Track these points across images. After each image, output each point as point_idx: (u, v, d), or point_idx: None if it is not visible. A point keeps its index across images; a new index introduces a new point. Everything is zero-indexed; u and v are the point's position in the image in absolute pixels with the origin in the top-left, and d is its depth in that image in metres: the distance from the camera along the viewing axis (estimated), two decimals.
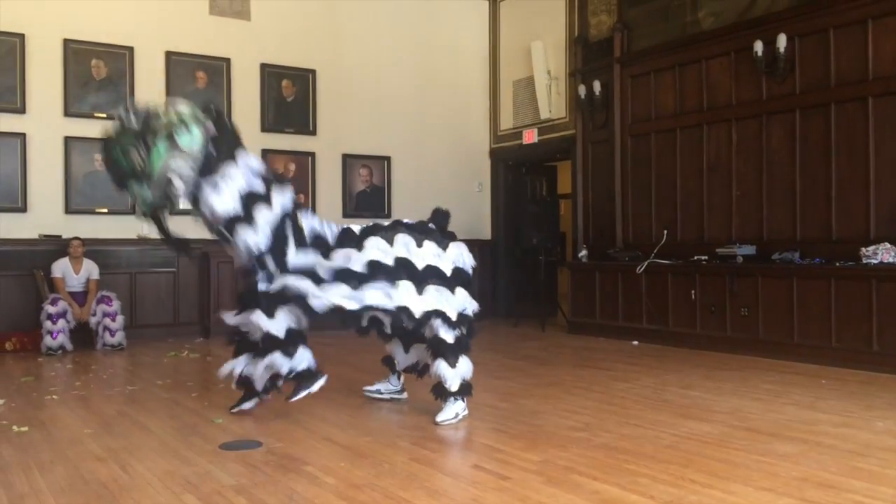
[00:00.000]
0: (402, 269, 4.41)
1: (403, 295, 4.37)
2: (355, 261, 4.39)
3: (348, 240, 4.52)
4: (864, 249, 6.27)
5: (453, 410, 4.45)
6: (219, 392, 5.44)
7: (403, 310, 4.37)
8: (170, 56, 8.66)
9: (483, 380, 5.99)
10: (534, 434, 4.16)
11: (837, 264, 6.42)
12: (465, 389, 4.50)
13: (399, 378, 5.13)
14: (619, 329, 8.19)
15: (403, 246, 4.47)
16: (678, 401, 5.01)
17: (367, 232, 4.55)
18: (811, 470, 3.46)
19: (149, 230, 8.40)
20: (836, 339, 6.33)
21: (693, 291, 7.46)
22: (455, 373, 4.43)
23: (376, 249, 4.42)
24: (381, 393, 5.13)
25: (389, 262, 4.40)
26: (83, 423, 4.50)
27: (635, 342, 7.85)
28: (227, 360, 4.69)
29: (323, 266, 4.43)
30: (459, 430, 4.30)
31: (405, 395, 5.14)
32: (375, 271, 4.37)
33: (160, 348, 7.63)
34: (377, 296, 4.36)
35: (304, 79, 9.46)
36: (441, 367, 4.42)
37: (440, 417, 4.41)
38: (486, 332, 8.96)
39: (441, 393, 4.47)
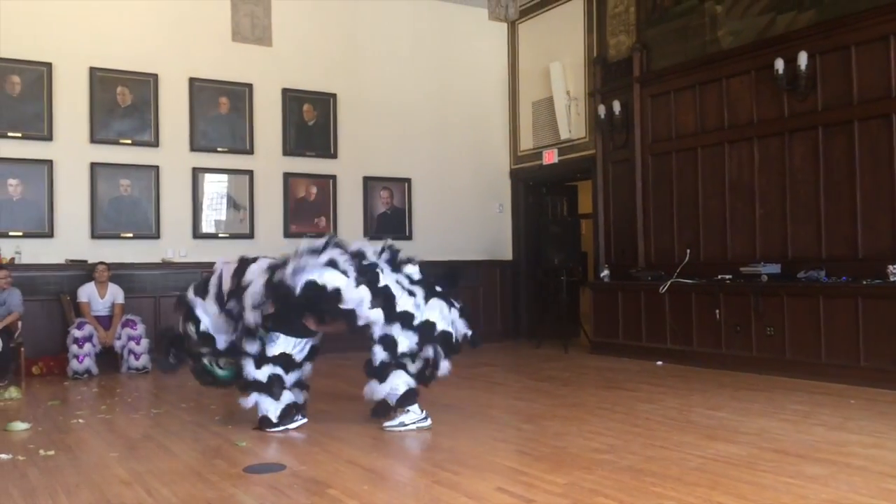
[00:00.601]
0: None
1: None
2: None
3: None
4: (891, 267, 6.19)
5: (399, 419, 4.84)
6: (242, 415, 5.45)
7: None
8: (193, 82, 8.79)
9: (506, 401, 5.98)
10: (558, 456, 4.12)
11: (864, 282, 6.34)
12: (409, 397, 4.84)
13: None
14: (642, 349, 8.13)
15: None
16: (704, 422, 4.95)
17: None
18: (841, 492, 3.40)
19: (173, 254, 8.55)
20: (865, 358, 6.23)
21: (717, 311, 7.39)
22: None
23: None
24: (406, 424, 5.00)
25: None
26: (109, 447, 4.53)
27: (659, 362, 7.78)
28: None
29: None
30: (483, 453, 4.27)
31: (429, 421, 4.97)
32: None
33: (184, 372, 7.64)
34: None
35: (325, 103, 9.55)
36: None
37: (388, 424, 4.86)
38: (508, 354, 8.95)
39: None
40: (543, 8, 10.27)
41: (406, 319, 4.82)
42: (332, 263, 4.74)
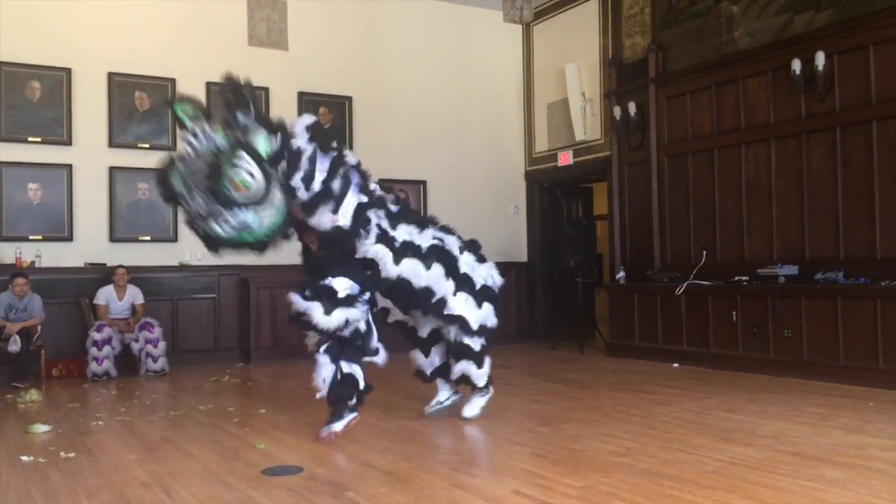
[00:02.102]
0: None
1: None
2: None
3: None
4: None
5: (479, 405, 5.09)
6: (260, 417, 5.50)
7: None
8: (210, 86, 8.84)
9: (522, 403, 5.98)
10: (575, 459, 4.12)
11: (883, 284, 6.29)
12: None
13: (446, 383, 5.33)
14: (658, 351, 8.10)
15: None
16: (721, 424, 4.93)
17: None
18: (860, 496, 3.38)
19: (190, 257, 8.61)
20: (884, 360, 6.18)
21: (734, 313, 7.36)
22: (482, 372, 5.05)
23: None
24: (442, 402, 5.31)
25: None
26: (128, 449, 4.58)
27: (675, 364, 7.76)
28: (266, 385, 4.74)
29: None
30: (500, 455, 4.28)
31: (460, 393, 5.36)
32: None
33: (202, 373, 7.73)
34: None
35: (340, 106, 9.60)
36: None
37: (467, 412, 5.05)
38: (523, 356, 8.94)
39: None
40: (558, 9, 10.27)
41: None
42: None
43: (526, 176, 10.85)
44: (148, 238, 8.51)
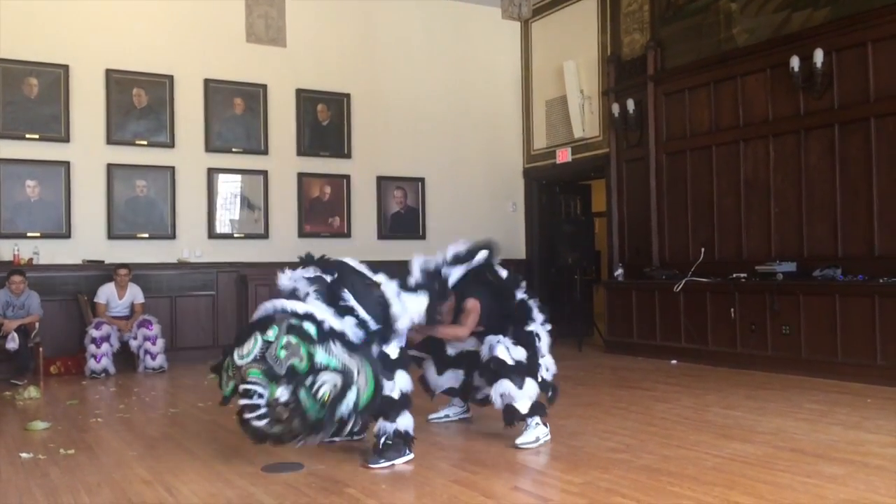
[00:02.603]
0: None
1: None
2: None
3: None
4: None
5: (534, 434, 4.34)
6: None
7: None
8: (208, 83, 8.84)
9: None
10: (574, 455, 4.13)
11: (881, 281, 6.31)
12: (538, 409, 4.38)
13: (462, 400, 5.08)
14: (656, 348, 8.11)
15: None
16: (720, 421, 4.95)
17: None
18: (859, 492, 3.40)
19: (188, 255, 8.60)
20: (882, 356, 6.20)
21: (732, 310, 7.37)
22: (522, 393, 4.31)
23: None
24: (450, 416, 5.11)
25: None
26: (128, 446, 4.58)
27: (674, 361, 7.77)
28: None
29: None
30: (499, 452, 4.28)
31: (469, 413, 5.14)
32: None
33: (200, 371, 7.70)
34: None
35: (338, 103, 9.59)
36: (506, 387, 4.29)
37: (520, 441, 4.32)
38: None
39: (513, 415, 4.32)
40: (557, 6, 10.26)
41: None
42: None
43: (524, 173, 10.85)
44: (146, 235, 8.50)
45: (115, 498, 3.54)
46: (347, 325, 3.84)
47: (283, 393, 3.56)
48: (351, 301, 3.91)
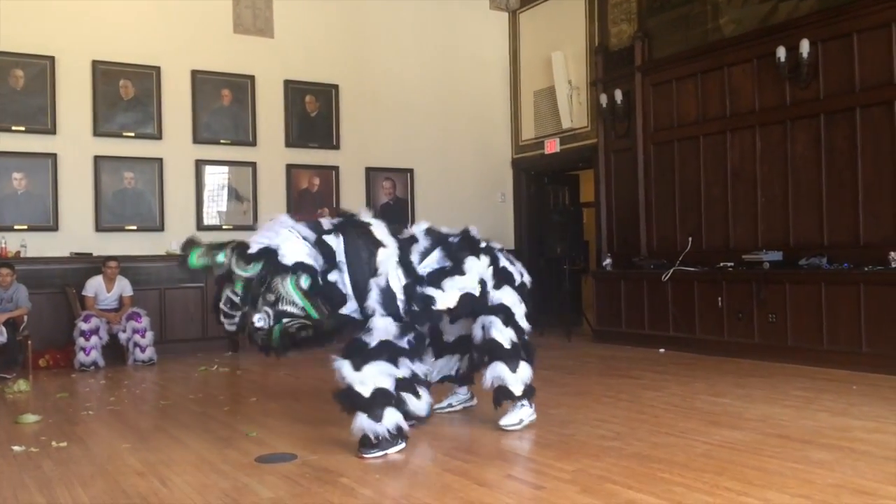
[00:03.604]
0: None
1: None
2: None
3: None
4: (892, 253, 6.23)
5: (518, 416, 4.48)
6: (250, 406, 5.52)
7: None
8: (195, 75, 8.80)
9: None
10: (566, 443, 4.17)
11: (866, 269, 6.38)
12: (529, 393, 4.53)
13: (465, 387, 5.12)
14: (645, 337, 8.18)
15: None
16: (708, 409, 5.00)
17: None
18: (846, 477, 3.45)
19: (177, 246, 8.57)
20: (867, 343, 6.28)
21: (720, 298, 7.44)
22: (516, 377, 4.46)
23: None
24: (454, 406, 5.12)
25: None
26: (120, 438, 4.58)
27: (662, 350, 7.83)
28: (256, 374, 4.74)
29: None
30: (492, 441, 4.32)
31: (475, 400, 5.14)
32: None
33: (190, 363, 7.72)
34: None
35: (327, 94, 9.57)
36: (500, 370, 4.44)
37: (504, 421, 4.47)
38: None
39: (505, 396, 4.47)
40: None
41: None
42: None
43: (513, 164, 10.87)
44: (134, 227, 8.47)
45: (108, 489, 3.55)
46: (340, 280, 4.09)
47: (259, 319, 3.91)
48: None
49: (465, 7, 10.54)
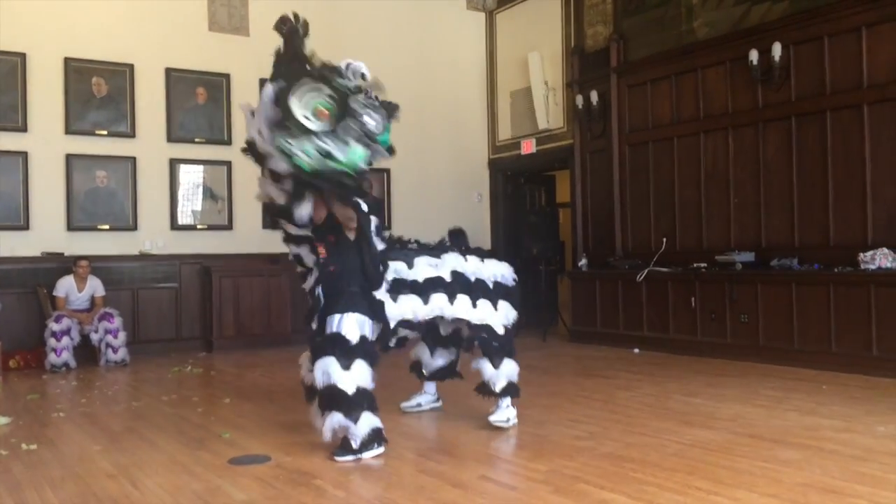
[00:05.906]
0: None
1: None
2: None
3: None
4: (862, 255, 6.33)
5: (505, 414, 4.54)
6: (224, 407, 5.48)
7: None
8: (170, 72, 8.72)
9: None
10: (539, 444, 4.19)
11: (836, 270, 6.48)
12: (511, 390, 4.59)
13: (433, 386, 5.16)
14: (619, 337, 8.23)
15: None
16: (681, 408, 5.05)
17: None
18: (815, 476, 3.51)
19: (150, 246, 8.49)
20: (836, 344, 6.37)
21: (693, 299, 7.51)
22: (499, 373, 4.54)
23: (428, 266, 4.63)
24: (422, 406, 5.13)
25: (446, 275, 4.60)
26: (91, 440, 4.53)
27: (636, 350, 7.89)
28: (230, 375, 4.71)
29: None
30: (467, 441, 4.33)
31: (440, 402, 5.17)
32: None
33: (163, 364, 7.66)
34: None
35: None
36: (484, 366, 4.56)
37: (493, 417, 4.53)
38: None
39: (486, 391, 4.59)
40: None
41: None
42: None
43: (489, 164, 10.89)
44: (107, 227, 8.37)
45: (79, 492, 3.52)
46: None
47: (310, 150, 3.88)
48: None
49: (441, 7, 10.54)
